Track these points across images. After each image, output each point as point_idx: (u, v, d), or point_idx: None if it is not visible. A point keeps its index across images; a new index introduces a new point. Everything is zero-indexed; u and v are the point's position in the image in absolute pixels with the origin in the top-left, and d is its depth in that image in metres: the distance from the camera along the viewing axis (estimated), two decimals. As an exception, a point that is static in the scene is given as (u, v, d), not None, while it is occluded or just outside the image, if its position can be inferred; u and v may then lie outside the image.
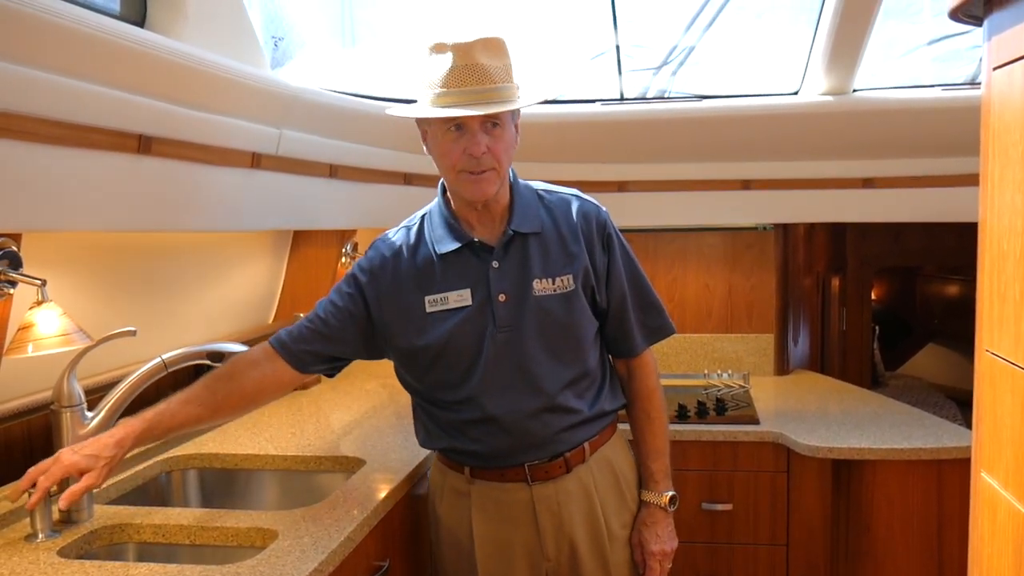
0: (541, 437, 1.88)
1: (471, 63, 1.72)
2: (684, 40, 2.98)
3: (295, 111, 2.30)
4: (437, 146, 1.79)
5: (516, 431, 1.86)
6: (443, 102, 1.72)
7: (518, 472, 1.90)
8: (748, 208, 3.38)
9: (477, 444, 1.89)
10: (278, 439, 2.48)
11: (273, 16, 2.41)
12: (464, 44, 1.73)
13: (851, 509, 2.78)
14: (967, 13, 1.45)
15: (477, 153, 1.74)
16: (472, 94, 1.71)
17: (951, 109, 2.86)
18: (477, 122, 1.73)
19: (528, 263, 1.85)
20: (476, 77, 1.72)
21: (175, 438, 2.43)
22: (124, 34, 1.66)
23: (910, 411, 3.08)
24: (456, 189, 1.83)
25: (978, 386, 1.48)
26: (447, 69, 1.72)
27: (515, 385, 1.85)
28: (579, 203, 1.95)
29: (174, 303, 2.53)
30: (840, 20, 2.59)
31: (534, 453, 1.89)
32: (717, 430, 2.83)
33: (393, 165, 2.99)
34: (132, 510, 1.91)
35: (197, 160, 2.02)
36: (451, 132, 1.75)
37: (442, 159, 1.79)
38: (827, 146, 3.15)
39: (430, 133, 1.81)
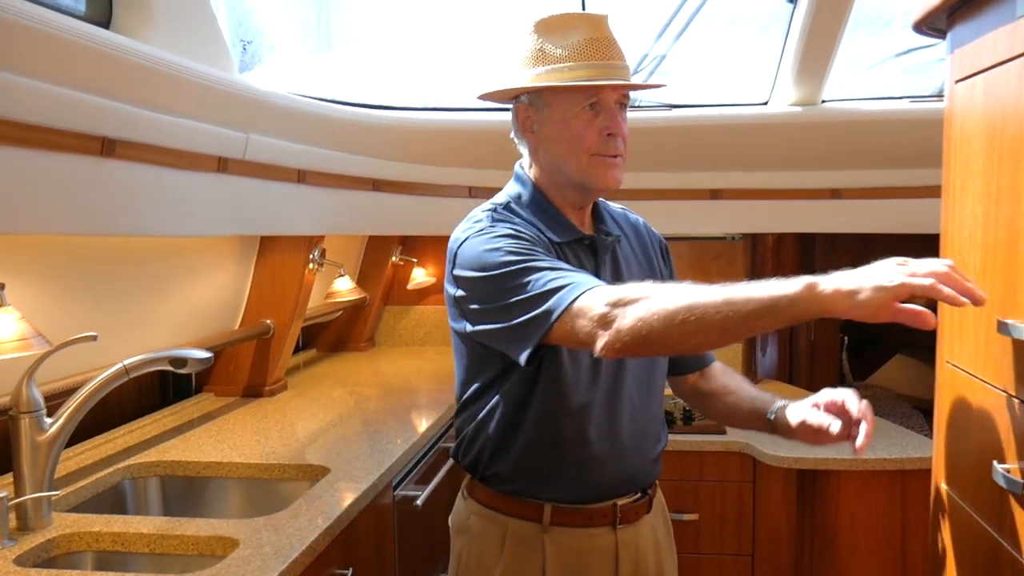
0: (637, 468, 1.69)
1: (607, 36, 1.58)
2: (655, 49, 2.99)
3: (263, 115, 2.28)
4: (567, 128, 1.58)
5: (613, 459, 1.64)
6: (584, 75, 1.55)
7: (607, 513, 1.66)
8: (717, 218, 3.40)
9: (565, 476, 1.63)
10: (242, 446, 2.46)
11: (242, 19, 2.39)
12: (595, 16, 1.60)
13: (816, 519, 2.79)
14: (931, 26, 1.47)
15: (618, 131, 1.58)
16: (612, 68, 1.57)
17: (919, 121, 2.89)
18: (614, 100, 1.58)
19: (620, 271, 1.70)
20: (616, 51, 1.58)
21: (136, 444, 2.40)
22: (89, 35, 1.64)
23: (875, 422, 3.10)
24: (584, 177, 1.60)
25: (939, 397, 1.49)
26: (582, 40, 1.56)
27: (619, 404, 1.65)
28: (635, 216, 1.85)
29: (137, 308, 2.50)
30: (809, 32, 2.61)
31: (627, 488, 1.68)
32: (684, 440, 2.84)
33: (363, 171, 2.98)
34: (91, 518, 1.88)
35: (162, 164, 1.99)
36: (586, 111, 1.57)
37: (575, 142, 1.58)
38: (796, 157, 3.17)
39: (551, 116, 1.60)
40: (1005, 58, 1.17)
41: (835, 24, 2.57)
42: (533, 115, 1.63)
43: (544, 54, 1.58)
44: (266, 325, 3.07)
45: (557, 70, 1.56)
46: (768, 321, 1.22)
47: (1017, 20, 1.14)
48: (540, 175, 1.67)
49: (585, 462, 1.62)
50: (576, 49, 1.55)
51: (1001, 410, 1.22)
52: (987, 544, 1.26)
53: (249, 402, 3.03)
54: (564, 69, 1.56)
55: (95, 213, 1.88)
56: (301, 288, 3.06)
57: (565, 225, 1.64)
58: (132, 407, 2.70)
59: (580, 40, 1.56)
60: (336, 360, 3.96)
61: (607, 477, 1.64)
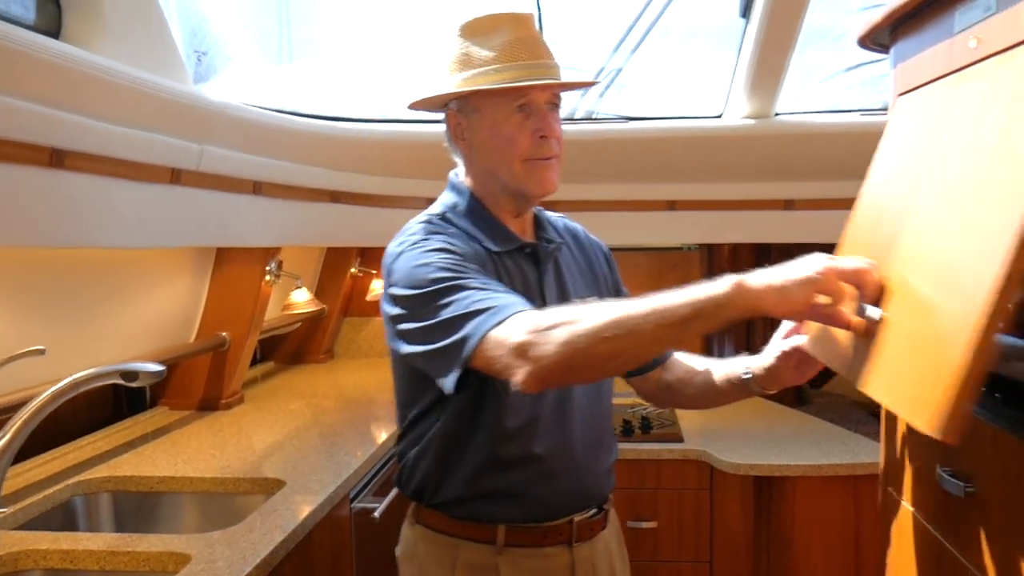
0: (592, 482, 1.63)
1: (533, 34, 1.54)
2: (611, 62, 3.02)
3: (218, 127, 2.27)
4: (497, 133, 1.52)
5: (567, 475, 1.58)
6: (511, 77, 1.49)
7: (563, 531, 1.59)
8: (673, 228, 3.43)
9: (519, 495, 1.56)
10: (197, 460, 2.43)
11: (197, 30, 2.38)
12: (520, 15, 1.54)
13: (772, 525, 2.82)
14: (875, 41, 1.50)
15: (551, 133, 1.52)
16: (541, 68, 1.51)
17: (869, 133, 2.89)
18: (545, 101, 1.53)
19: (563, 278, 1.65)
20: (543, 49, 1.53)
21: (87, 460, 2.37)
22: (38, 45, 1.63)
23: (830, 428, 3.15)
24: (519, 183, 1.55)
25: (885, 403, 1.51)
26: (508, 40, 1.51)
27: (568, 417, 1.58)
28: (574, 224, 1.81)
29: (89, 321, 2.46)
30: (761, 46, 2.65)
31: (583, 503, 1.63)
32: (642, 448, 2.86)
33: (320, 183, 2.97)
34: (39, 535, 1.85)
35: (113, 175, 1.97)
36: (516, 114, 1.51)
37: (505, 147, 1.52)
38: (750, 168, 3.21)
39: (481, 121, 1.55)
40: (944, 72, 1.20)
41: (787, 39, 2.61)
42: (463, 121, 1.58)
43: (470, 57, 1.53)
44: (222, 338, 3.04)
45: (484, 73, 1.51)
46: (700, 325, 1.19)
47: (955, 36, 1.16)
48: (475, 183, 1.62)
49: (538, 480, 1.56)
50: (502, 50, 1.51)
51: (944, 416, 1.24)
52: (934, 547, 1.28)
53: (205, 415, 3.00)
54: (491, 72, 1.50)
55: (44, 225, 1.85)
56: (258, 300, 3.04)
57: (504, 234, 1.58)
58: (84, 422, 2.66)
59: (506, 40, 1.51)
60: (294, 372, 3.94)
61: (562, 494, 1.58)
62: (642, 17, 2.89)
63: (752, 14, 2.64)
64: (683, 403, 1.82)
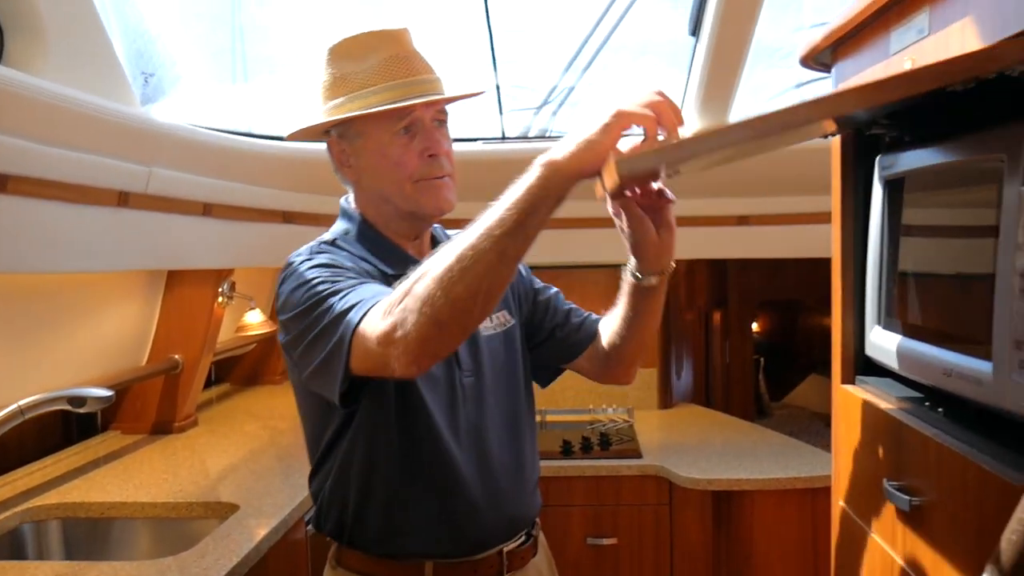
0: (518, 508, 1.57)
1: (409, 51, 1.48)
2: (564, 80, 3.03)
3: (166, 148, 2.24)
4: (384, 157, 1.46)
5: (492, 504, 1.51)
6: (389, 98, 1.43)
7: (493, 563, 1.54)
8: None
9: (442, 528, 1.49)
10: (149, 485, 2.39)
11: (143, 51, 2.35)
12: (392, 31, 1.48)
13: (731, 539, 2.83)
14: (817, 61, 1.52)
15: (439, 151, 1.47)
16: (420, 84, 1.45)
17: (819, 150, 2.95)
18: (430, 118, 1.47)
19: None
20: (420, 64, 1.48)
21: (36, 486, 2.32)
22: (-24, 69, 1.60)
23: (787, 441, 3.17)
24: (412, 206, 1.49)
25: (835, 419, 1.53)
26: (382, 60, 1.45)
27: (486, 440, 1.53)
28: None
29: (37, 346, 2.42)
30: (711, 65, 2.68)
31: (511, 531, 1.57)
32: (600, 465, 2.86)
33: (272, 203, 2.94)
34: (-16, 567, 1.81)
35: (58, 199, 1.94)
36: (400, 136, 1.45)
37: (393, 171, 1.46)
38: (703, 184, 3.24)
39: (365, 146, 1.48)
40: (881, 92, 1.23)
41: (736, 57, 2.65)
42: (347, 148, 1.51)
43: (345, 81, 1.46)
44: (174, 360, 3.00)
45: (361, 96, 1.44)
46: (536, 218, 1.13)
47: (891, 57, 1.19)
48: (367, 208, 1.55)
49: (460, 510, 1.49)
50: (377, 70, 1.45)
51: (892, 429, 1.26)
52: (883, 560, 1.29)
53: (158, 439, 2.96)
54: (368, 94, 1.44)
55: (-13, 250, 1.82)
56: (210, 322, 3.00)
57: (399, 255, 1.52)
58: (33, 448, 2.61)
59: (380, 60, 1.45)
60: (250, 394, 3.89)
61: (488, 524, 1.52)
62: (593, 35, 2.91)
63: (701, 33, 2.67)
64: (629, 353, 1.67)
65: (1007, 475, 0.93)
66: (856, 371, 1.47)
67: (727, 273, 4.59)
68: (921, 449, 1.15)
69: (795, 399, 6.53)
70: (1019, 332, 0.93)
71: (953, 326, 1.13)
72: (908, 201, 1.30)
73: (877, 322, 1.38)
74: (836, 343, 1.51)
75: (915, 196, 1.27)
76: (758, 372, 5.45)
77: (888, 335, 1.33)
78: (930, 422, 1.16)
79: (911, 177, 1.28)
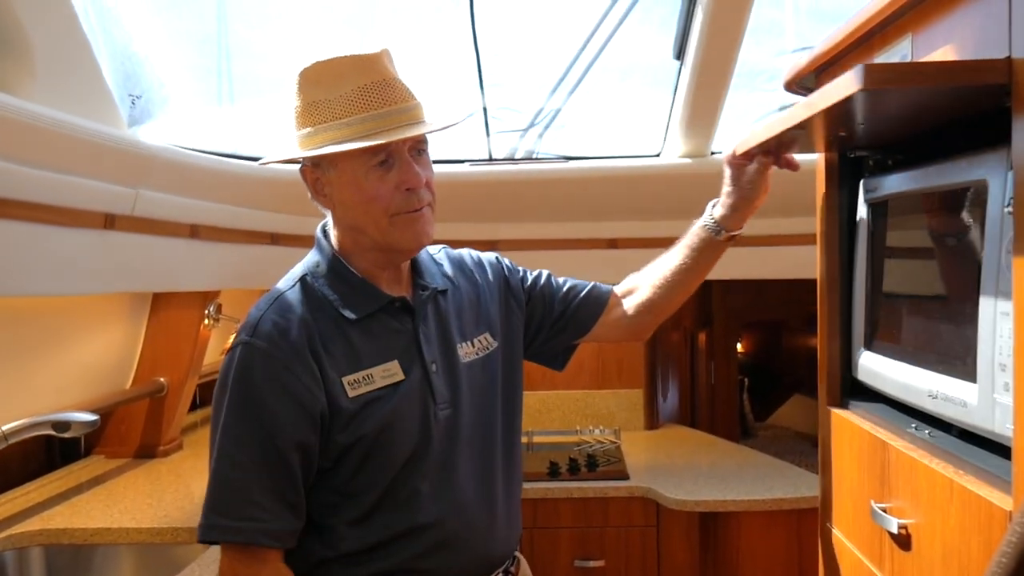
0: (495, 544, 1.52)
1: (385, 77, 1.40)
2: (550, 103, 3.05)
3: (152, 171, 2.23)
4: (359, 191, 1.40)
5: (463, 541, 1.46)
6: (363, 130, 1.37)
7: None
8: (615, 266, 3.42)
9: (413, 572, 1.42)
10: (134, 510, 2.37)
11: (130, 73, 2.35)
12: (366, 56, 1.40)
13: (718, 560, 2.83)
14: (801, 86, 1.54)
15: (417, 184, 1.41)
16: (396, 115, 1.39)
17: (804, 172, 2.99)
18: (408, 148, 1.41)
19: (446, 324, 1.52)
20: (396, 92, 1.40)
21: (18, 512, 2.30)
22: (-37, 91, 1.59)
23: (773, 462, 3.18)
24: (388, 240, 1.43)
25: (822, 440, 1.54)
26: (355, 88, 1.38)
27: (463, 478, 1.47)
28: (457, 253, 1.69)
29: (21, 370, 2.40)
30: (695, 88, 2.70)
31: (487, 569, 1.52)
32: (588, 486, 2.86)
33: (259, 225, 2.94)
34: (-35, 594, 1.79)
35: (44, 221, 1.93)
36: (376, 169, 1.39)
37: (369, 205, 1.41)
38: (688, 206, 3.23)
39: (340, 178, 1.42)
40: (866, 116, 1.24)
41: (720, 81, 2.67)
42: (321, 177, 1.45)
43: (316, 109, 1.40)
44: (159, 383, 2.98)
45: (333, 128, 1.38)
46: None
47: (874, 81, 1.20)
48: (343, 239, 1.49)
49: (432, 552, 1.43)
50: (349, 102, 1.38)
51: (878, 451, 1.27)
52: (870, 582, 1.30)
53: (142, 463, 2.93)
54: (341, 126, 1.37)
55: (-29, 273, 1.81)
56: (196, 344, 2.99)
57: (368, 293, 1.46)
58: (15, 473, 2.58)
59: (353, 90, 1.38)
60: (235, 417, 3.86)
61: (463, 564, 1.46)
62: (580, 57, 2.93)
63: (685, 57, 2.69)
64: (668, 305, 1.75)
65: (995, 498, 0.94)
66: (842, 393, 1.48)
67: (711, 294, 4.62)
68: (909, 472, 1.16)
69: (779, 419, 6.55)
70: (1003, 354, 0.94)
71: (938, 348, 1.14)
72: (892, 224, 1.31)
73: (864, 344, 1.39)
74: (822, 365, 1.52)
75: (899, 219, 1.29)
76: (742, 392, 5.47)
77: (874, 357, 1.34)
78: (918, 444, 1.17)
79: (895, 200, 1.29)
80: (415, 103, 1.43)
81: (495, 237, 3.36)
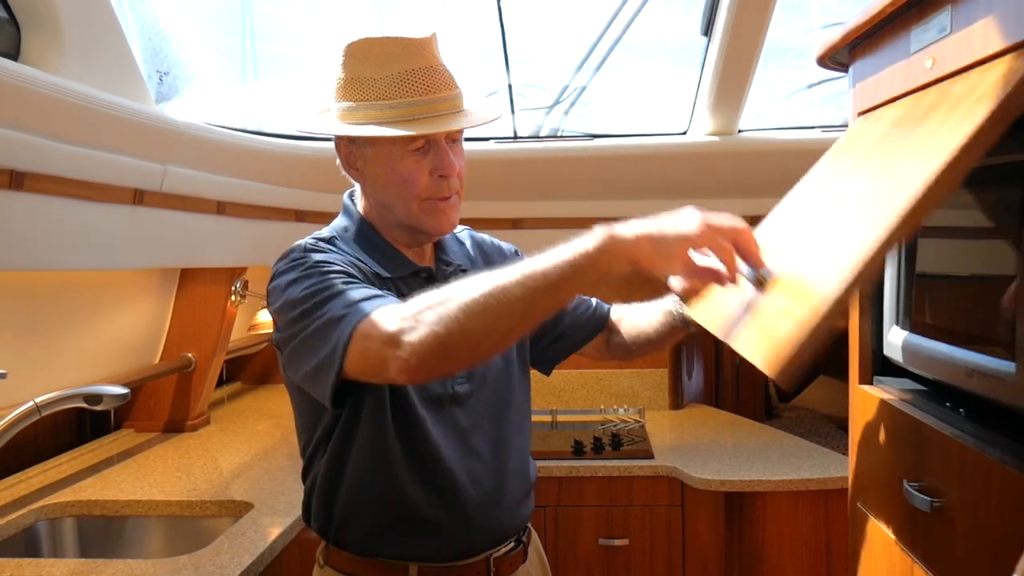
0: (507, 514, 1.54)
1: (432, 64, 1.41)
2: (575, 80, 3.03)
3: (180, 147, 2.24)
4: (393, 172, 1.43)
5: (481, 509, 1.49)
6: (405, 114, 1.39)
7: (480, 569, 1.51)
8: (641, 245, 3.44)
9: (430, 532, 1.46)
10: (163, 483, 2.40)
11: (158, 50, 2.35)
12: (416, 40, 1.40)
13: (744, 541, 2.83)
14: (834, 60, 1.51)
15: (451, 173, 1.43)
16: (439, 103, 1.41)
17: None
18: (445, 135, 1.43)
19: None
20: (441, 80, 1.42)
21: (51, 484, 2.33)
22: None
23: (799, 443, 3.16)
24: (414, 222, 1.47)
25: (852, 420, 1.52)
26: (402, 72, 1.39)
27: (475, 444, 1.50)
28: (480, 235, 1.71)
29: (52, 344, 2.43)
30: (724, 64, 2.67)
31: (500, 538, 1.54)
32: (612, 465, 2.85)
33: (285, 202, 2.95)
34: (1, 562, 1.81)
35: (74, 196, 1.95)
36: (412, 154, 1.42)
37: (401, 186, 1.43)
38: (715, 185, 3.23)
39: (375, 155, 1.45)
40: (901, 92, 1.22)
41: (748, 57, 2.64)
42: (356, 152, 1.48)
43: (360, 85, 1.41)
44: (187, 359, 3.01)
45: (375, 108, 1.39)
46: (574, 283, 1.12)
47: (911, 56, 1.18)
48: (370, 211, 1.53)
49: (449, 515, 1.47)
50: (395, 83, 1.39)
51: (910, 430, 1.25)
52: (902, 562, 1.29)
53: (171, 437, 2.96)
54: (383, 107, 1.39)
55: (4, 247, 1.82)
56: (223, 320, 3.01)
57: (396, 259, 1.49)
58: (47, 446, 2.62)
59: (399, 72, 1.39)
60: (261, 393, 3.90)
61: (476, 530, 1.49)
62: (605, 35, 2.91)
63: (714, 33, 2.66)
64: (638, 355, 1.73)
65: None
66: (874, 371, 1.47)
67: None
68: (942, 450, 1.14)
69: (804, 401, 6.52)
70: (1044, 332, 0.93)
71: (974, 327, 1.13)
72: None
73: (895, 322, 1.37)
74: (854, 343, 1.50)
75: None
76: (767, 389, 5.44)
77: (907, 336, 1.32)
78: (951, 422, 1.16)
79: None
80: (457, 92, 1.45)
81: (519, 215, 3.35)
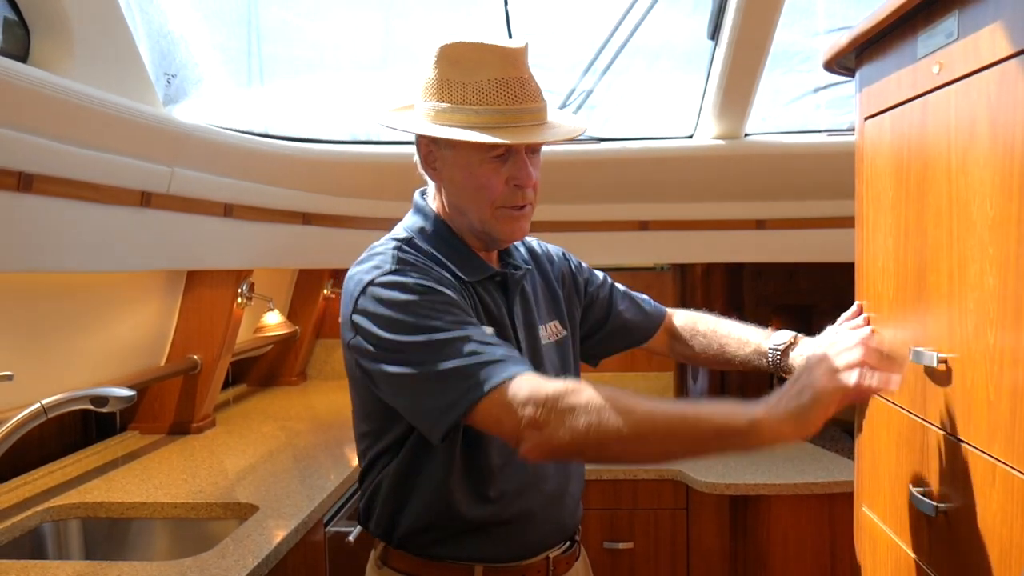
0: (566, 515, 1.59)
1: (521, 75, 1.41)
2: (582, 84, 3.03)
3: (188, 149, 2.25)
4: (471, 176, 1.44)
5: (545, 510, 1.53)
6: (491, 121, 1.39)
7: (540, 568, 1.54)
8: (646, 248, 3.44)
9: (495, 532, 1.49)
10: (168, 485, 2.40)
11: (166, 52, 2.36)
12: (509, 50, 1.40)
13: (748, 544, 2.83)
14: (841, 65, 1.52)
15: (528, 183, 1.44)
16: (524, 114, 1.41)
17: (836, 154, 2.97)
18: (525, 146, 1.44)
19: (529, 305, 1.58)
20: (529, 91, 1.42)
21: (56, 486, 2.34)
22: (5, 69, 1.61)
23: (803, 446, 3.16)
24: (487, 228, 1.48)
25: (859, 424, 1.52)
26: (492, 79, 1.39)
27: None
28: (532, 240, 1.74)
29: (58, 346, 2.43)
30: (730, 68, 2.67)
31: (558, 537, 1.58)
32: (618, 469, 2.86)
33: (291, 205, 2.95)
34: (6, 564, 1.82)
35: (82, 198, 1.95)
36: (492, 160, 1.42)
37: (478, 192, 1.45)
38: (721, 188, 3.24)
39: (455, 159, 1.46)
40: (908, 97, 1.22)
41: (755, 61, 2.64)
42: (436, 152, 1.49)
43: (449, 88, 1.42)
44: (193, 360, 3.01)
45: (462, 111, 1.40)
46: (720, 450, 1.26)
47: (918, 62, 1.18)
48: (444, 211, 1.54)
49: (517, 517, 1.49)
50: (483, 90, 1.39)
51: (917, 435, 1.25)
52: (907, 566, 1.29)
53: (176, 439, 2.97)
54: (470, 112, 1.39)
55: (11, 249, 1.83)
56: (229, 322, 3.02)
57: (475, 263, 1.51)
58: (52, 447, 2.62)
59: (490, 80, 1.39)
60: (267, 395, 3.90)
61: (541, 530, 1.53)
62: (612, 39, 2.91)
63: (720, 37, 2.66)
64: (701, 365, 1.83)
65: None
66: (880, 376, 1.46)
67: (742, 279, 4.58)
68: (949, 455, 1.15)
69: (809, 404, 6.52)
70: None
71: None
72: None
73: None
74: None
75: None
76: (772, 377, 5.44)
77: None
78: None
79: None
80: (543, 104, 1.46)
81: (527, 218, 3.35)
